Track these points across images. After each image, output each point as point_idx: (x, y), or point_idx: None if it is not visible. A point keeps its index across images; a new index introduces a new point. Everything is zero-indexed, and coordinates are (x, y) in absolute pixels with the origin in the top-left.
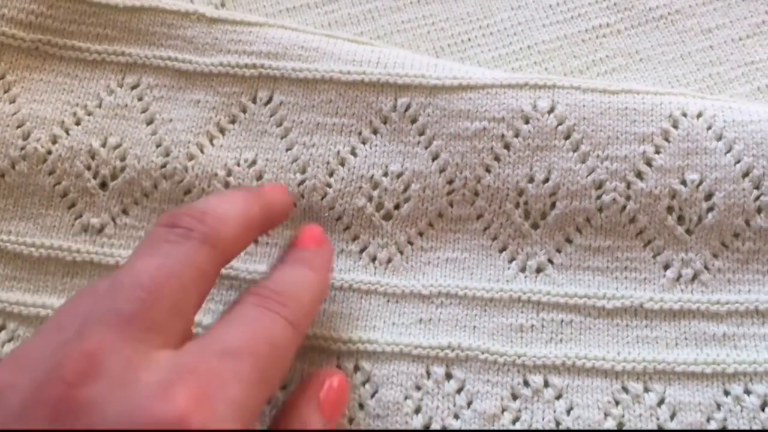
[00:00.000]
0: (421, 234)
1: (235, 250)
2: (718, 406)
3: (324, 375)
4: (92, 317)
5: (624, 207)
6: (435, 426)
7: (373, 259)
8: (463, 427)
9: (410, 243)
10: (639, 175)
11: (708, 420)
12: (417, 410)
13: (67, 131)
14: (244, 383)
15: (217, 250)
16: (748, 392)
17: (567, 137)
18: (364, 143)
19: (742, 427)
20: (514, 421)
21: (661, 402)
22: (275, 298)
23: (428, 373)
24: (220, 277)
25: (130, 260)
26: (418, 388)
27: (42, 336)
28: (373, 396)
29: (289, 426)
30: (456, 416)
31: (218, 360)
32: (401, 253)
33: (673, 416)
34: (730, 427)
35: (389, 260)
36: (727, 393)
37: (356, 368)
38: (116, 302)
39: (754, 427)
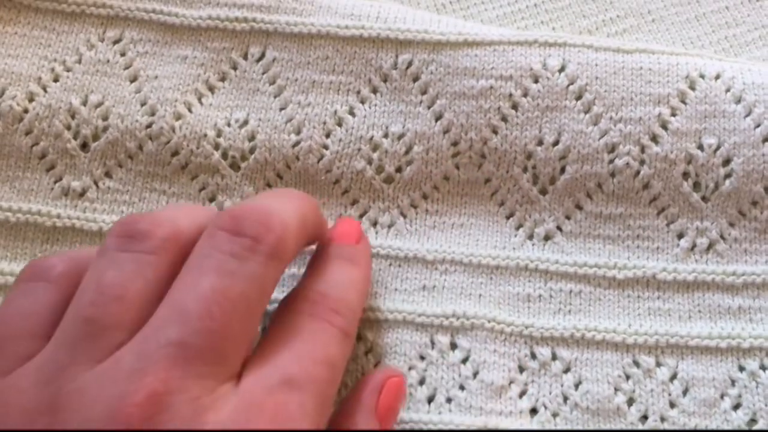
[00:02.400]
0: (425, 197)
1: (294, 257)
2: (733, 382)
3: (381, 378)
4: (153, 348)
5: (637, 172)
6: (440, 397)
7: (374, 223)
8: (469, 398)
9: (414, 206)
10: (654, 138)
11: (722, 396)
12: (421, 381)
13: (44, 88)
14: (308, 414)
15: (283, 263)
16: (763, 368)
17: (578, 98)
18: (362, 102)
19: (757, 404)
20: (522, 394)
21: (673, 377)
22: (328, 304)
23: (432, 342)
24: None
25: (192, 275)
26: (422, 357)
27: (76, 359)
28: (376, 366)
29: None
30: (462, 387)
31: (282, 392)
32: (404, 216)
33: (685, 392)
34: (744, 404)
35: (391, 224)
36: (741, 368)
37: (359, 337)
38: (182, 334)
39: None
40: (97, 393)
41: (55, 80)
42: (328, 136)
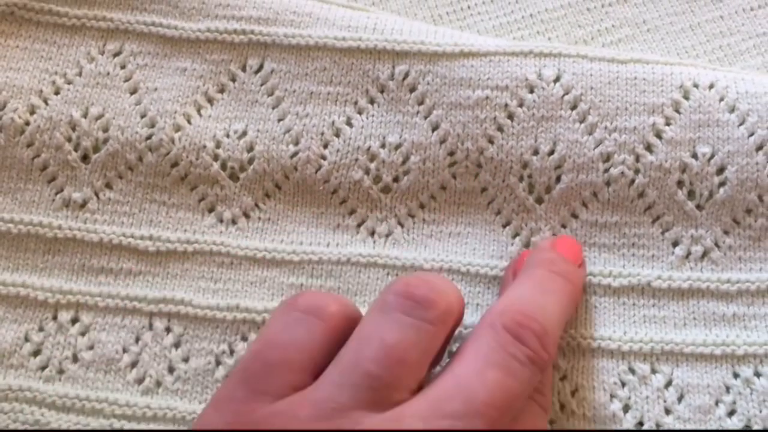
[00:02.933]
0: (422, 206)
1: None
2: (727, 389)
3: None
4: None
5: (632, 181)
6: None
7: (372, 233)
8: None
9: (411, 216)
10: (648, 147)
11: (717, 403)
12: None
13: (45, 101)
14: None
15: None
16: (758, 374)
17: (573, 107)
18: (360, 113)
19: (752, 410)
20: None
21: (668, 384)
22: (527, 332)
23: None
24: (211, 254)
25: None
26: None
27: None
28: None
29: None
30: None
31: (448, 423)
32: (401, 225)
33: (680, 399)
34: (739, 410)
35: (389, 233)
36: (736, 375)
37: None
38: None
39: (764, 410)
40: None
41: (56, 93)
42: (326, 146)
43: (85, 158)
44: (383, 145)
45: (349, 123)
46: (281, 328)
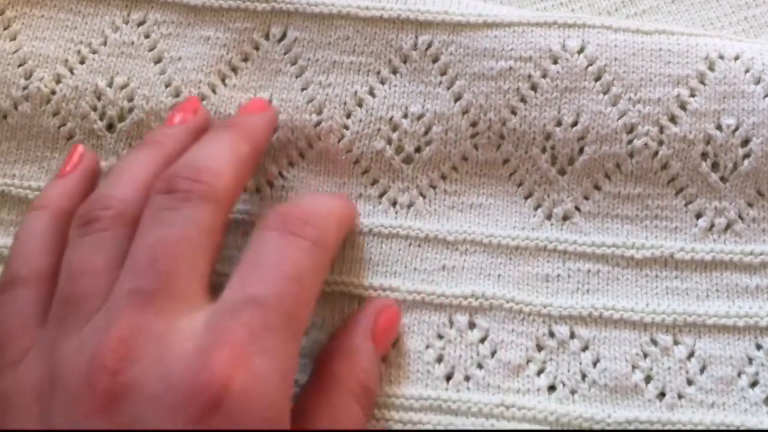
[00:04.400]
0: (444, 177)
1: (235, 196)
2: (750, 360)
3: (376, 304)
4: (116, 301)
5: (656, 153)
6: (458, 375)
7: (394, 203)
8: (487, 376)
9: (433, 187)
10: (673, 119)
11: (739, 374)
12: (439, 359)
13: (71, 70)
14: (274, 331)
15: (219, 204)
16: None
17: (597, 79)
18: (382, 83)
19: None
20: (539, 372)
21: (690, 355)
22: (295, 215)
23: (451, 322)
24: (234, 222)
25: (138, 238)
26: (440, 336)
27: (60, 330)
28: (394, 345)
29: (341, 355)
30: (479, 366)
31: (244, 313)
32: (423, 196)
33: (702, 370)
34: (761, 381)
35: (411, 204)
36: (759, 347)
37: None
38: (136, 281)
39: None
40: (78, 353)
41: (82, 62)
42: (348, 116)
43: (110, 127)
44: (405, 115)
45: (371, 93)
46: None
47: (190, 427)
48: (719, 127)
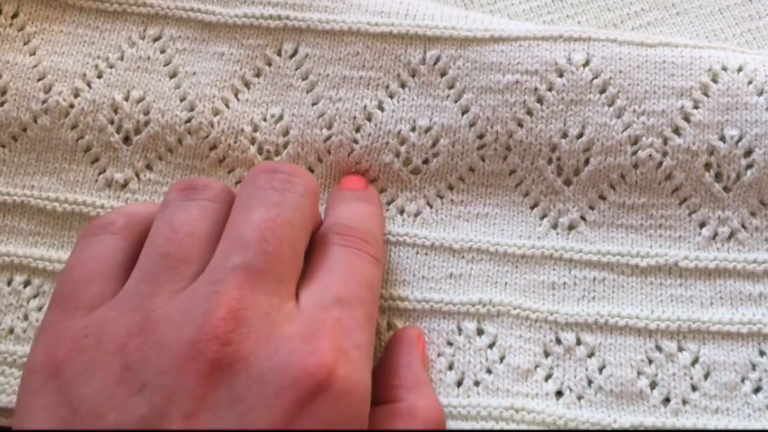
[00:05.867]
0: (451, 188)
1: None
2: (753, 367)
3: (415, 332)
4: (222, 273)
5: (660, 163)
6: (468, 380)
7: (401, 211)
8: (496, 381)
9: (440, 196)
10: (676, 130)
11: (742, 380)
12: (450, 366)
13: (89, 84)
14: (362, 329)
15: (316, 199)
16: None
17: (602, 91)
18: (391, 97)
19: None
20: (547, 377)
21: (695, 361)
22: (356, 235)
23: (459, 329)
24: None
25: (243, 212)
26: (450, 344)
27: (159, 287)
28: None
29: (408, 380)
30: (489, 371)
31: (336, 310)
32: (430, 206)
33: (707, 376)
34: (764, 387)
35: (418, 213)
36: (762, 353)
37: (389, 326)
38: (244, 256)
39: None
40: (182, 316)
41: (99, 76)
42: (357, 130)
43: (126, 140)
44: (413, 129)
45: (380, 107)
46: (78, 251)
47: (289, 409)
48: (722, 138)
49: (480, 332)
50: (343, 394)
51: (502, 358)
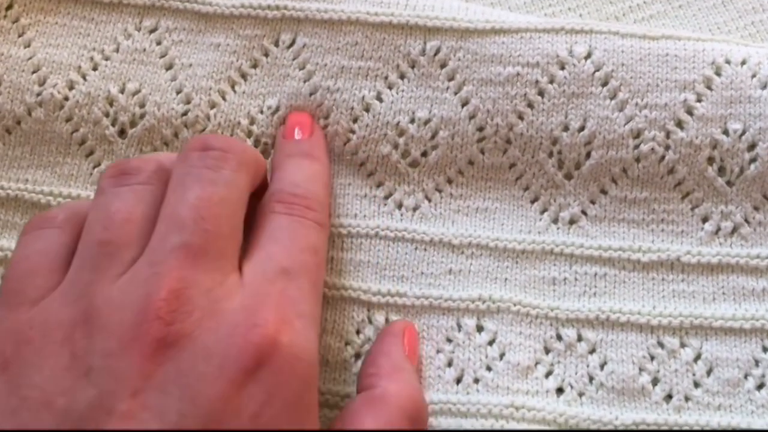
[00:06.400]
0: (450, 181)
1: (264, 171)
2: (756, 363)
3: (401, 324)
4: (161, 254)
5: (662, 157)
6: (467, 378)
7: (399, 205)
8: (496, 378)
9: (439, 190)
10: (679, 124)
11: (745, 376)
12: (449, 363)
13: (84, 77)
14: (307, 298)
15: (250, 175)
16: None
17: (604, 84)
18: (390, 88)
19: None
20: (548, 374)
21: (697, 357)
22: (300, 203)
23: (459, 326)
24: None
25: (177, 191)
26: (449, 340)
27: (99, 274)
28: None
29: (384, 368)
30: (488, 368)
31: (280, 281)
32: (429, 200)
33: (709, 372)
34: (767, 384)
35: (416, 207)
36: (765, 349)
37: (387, 322)
38: (182, 236)
39: None
40: (123, 300)
41: (94, 69)
42: (355, 121)
43: (122, 133)
44: (412, 120)
45: (379, 98)
46: (20, 249)
47: (235, 379)
48: (726, 132)
49: (480, 329)
50: (289, 361)
51: (502, 355)
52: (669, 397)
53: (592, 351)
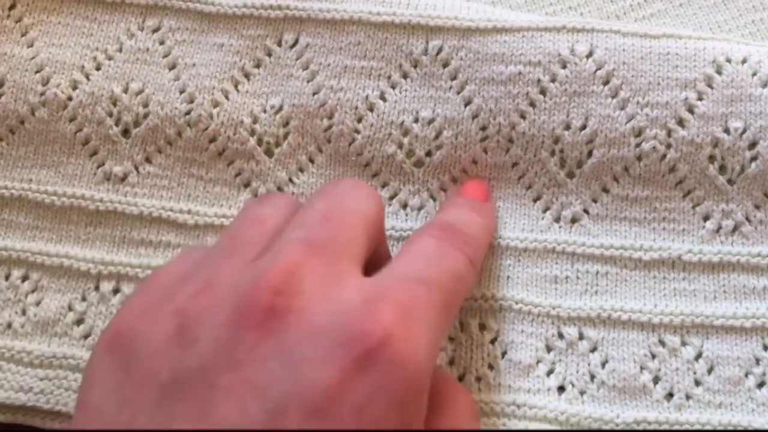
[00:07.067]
0: (454, 180)
1: (383, 216)
2: (757, 361)
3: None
4: (283, 243)
5: (664, 155)
6: (470, 376)
7: (404, 206)
8: (498, 377)
9: (443, 189)
10: (680, 122)
11: (746, 375)
12: (451, 362)
13: (87, 76)
14: (434, 310)
15: (380, 210)
16: None
17: (606, 83)
18: (393, 88)
19: None
20: (549, 372)
21: (698, 356)
22: (459, 235)
23: (462, 324)
24: None
25: (304, 207)
26: (452, 339)
27: (224, 259)
28: None
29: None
30: (491, 366)
31: (410, 285)
32: (434, 199)
33: (710, 370)
34: None
35: (421, 207)
36: (766, 348)
37: None
38: (307, 231)
39: None
40: (240, 278)
41: (98, 68)
42: (359, 120)
43: (125, 133)
44: (416, 120)
45: (382, 97)
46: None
47: (344, 366)
48: (727, 131)
49: (482, 327)
50: (402, 358)
51: (503, 354)
52: (670, 395)
53: (594, 349)
